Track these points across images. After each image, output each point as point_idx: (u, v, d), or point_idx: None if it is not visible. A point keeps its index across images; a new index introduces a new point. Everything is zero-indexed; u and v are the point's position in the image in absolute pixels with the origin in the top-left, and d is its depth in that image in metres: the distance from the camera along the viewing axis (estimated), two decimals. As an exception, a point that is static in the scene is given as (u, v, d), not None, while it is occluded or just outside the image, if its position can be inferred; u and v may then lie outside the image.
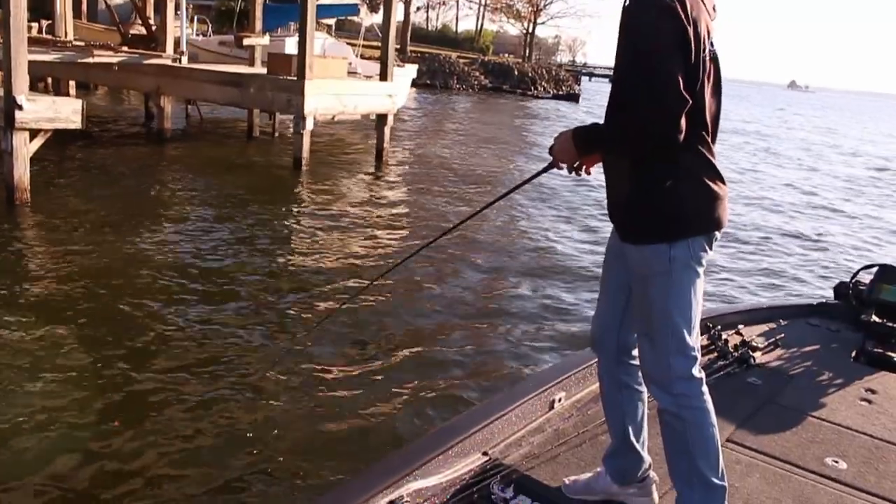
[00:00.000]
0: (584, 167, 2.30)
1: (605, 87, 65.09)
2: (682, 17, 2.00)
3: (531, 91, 45.43)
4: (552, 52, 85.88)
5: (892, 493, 2.71)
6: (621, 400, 2.47)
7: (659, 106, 1.97)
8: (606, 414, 2.54)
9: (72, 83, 17.52)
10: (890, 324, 4.17)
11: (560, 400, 3.06)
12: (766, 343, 3.94)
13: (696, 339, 2.22)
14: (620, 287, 2.37)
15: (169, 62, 14.21)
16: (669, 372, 2.20)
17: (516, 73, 46.88)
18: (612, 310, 2.43)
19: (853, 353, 4.06)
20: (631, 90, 2.04)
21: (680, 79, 1.97)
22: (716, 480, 2.22)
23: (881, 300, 4.28)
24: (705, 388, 2.24)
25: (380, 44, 15.26)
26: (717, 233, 2.20)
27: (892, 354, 3.99)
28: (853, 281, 4.59)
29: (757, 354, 3.77)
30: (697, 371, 2.23)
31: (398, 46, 43.96)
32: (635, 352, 2.40)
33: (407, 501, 2.28)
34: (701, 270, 2.19)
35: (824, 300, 4.81)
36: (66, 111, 8.78)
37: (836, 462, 2.87)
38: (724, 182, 2.20)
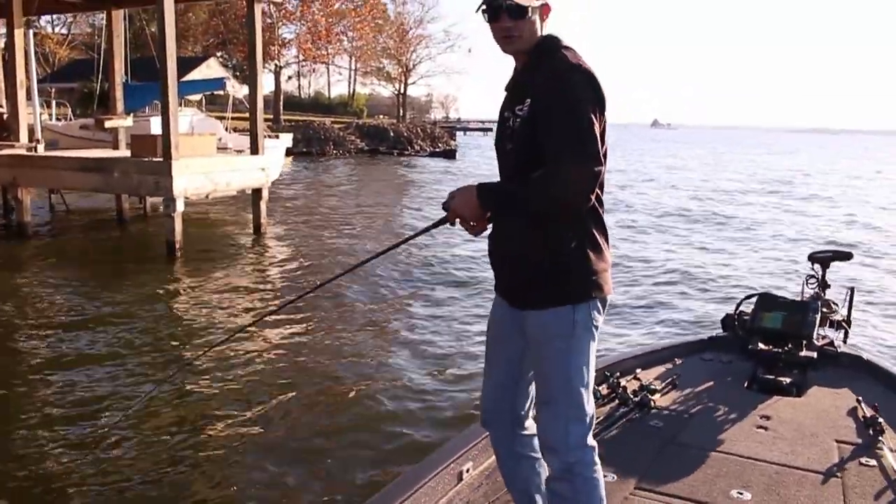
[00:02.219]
0: (478, 225, 2.22)
1: (480, 142, 66.59)
2: (599, 84, 2.12)
3: (408, 150, 45.90)
4: (426, 110, 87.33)
5: None
6: (521, 470, 2.47)
7: (587, 167, 2.03)
8: (508, 487, 2.54)
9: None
10: (775, 349, 4.32)
11: (468, 470, 3.03)
12: (664, 384, 4.01)
13: (591, 405, 2.24)
14: (512, 359, 2.38)
15: (23, 151, 13.48)
16: (567, 438, 2.20)
17: (391, 133, 47.32)
18: (504, 383, 2.41)
19: (746, 382, 4.19)
20: (559, 151, 2.05)
21: (599, 145, 2.07)
22: None
23: (764, 327, 4.45)
24: (598, 459, 2.25)
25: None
26: (608, 296, 2.25)
27: (781, 378, 4.12)
28: (737, 312, 4.73)
29: (656, 397, 3.83)
30: (591, 440, 2.24)
31: (271, 116, 43.79)
32: (528, 423, 2.42)
33: None
34: (597, 334, 2.23)
35: (714, 334, 4.91)
36: None
37: (741, 493, 2.95)
38: (609, 243, 2.27)
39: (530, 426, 2.43)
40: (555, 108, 2.08)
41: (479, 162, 40.70)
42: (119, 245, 13.94)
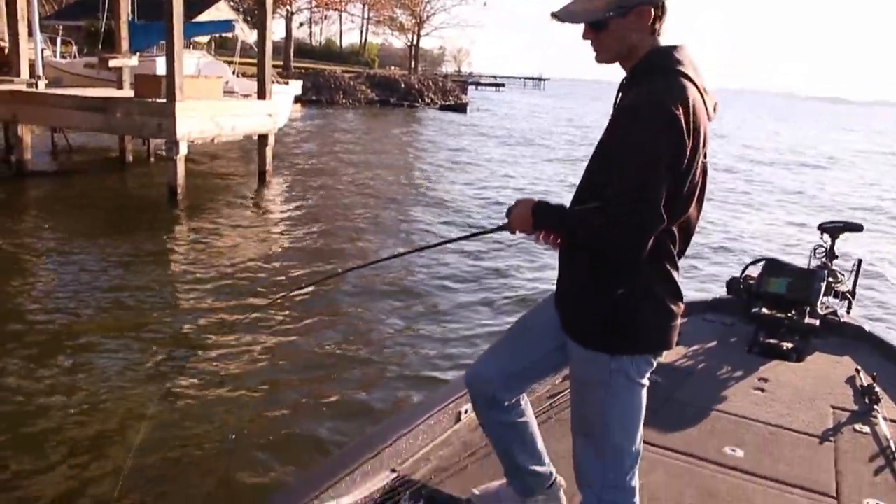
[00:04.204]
0: (550, 239, 2.15)
1: (490, 96, 66.01)
2: (684, 129, 1.86)
3: (418, 103, 45.34)
4: (438, 63, 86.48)
5: (786, 475, 2.87)
6: (501, 434, 2.42)
7: (635, 218, 1.86)
8: (491, 443, 2.49)
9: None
10: (778, 314, 4.40)
11: (466, 411, 3.06)
12: None
13: (636, 448, 2.13)
14: (530, 355, 2.29)
15: (23, 87, 13.10)
16: (603, 479, 2.12)
17: (403, 85, 46.67)
18: (505, 367, 2.32)
19: (747, 345, 4.29)
20: (613, 193, 1.88)
21: (663, 198, 1.86)
22: None
23: (769, 293, 4.51)
24: (637, 500, 2.16)
25: (258, 61, 14.53)
26: (662, 352, 2.12)
27: (783, 344, 4.22)
28: (743, 276, 4.78)
29: None
30: (634, 481, 2.14)
31: (281, 63, 43.12)
32: (506, 403, 2.35)
33: None
34: (644, 382, 2.10)
35: (719, 296, 4.98)
36: None
37: (734, 451, 3.02)
38: (681, 300, 2.08)
39: (509, 404, 2.36)
40: (621, 145, 1.91)
41: (488, 117, 40.16)
42: (119, 188, 13.69)
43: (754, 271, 4.73)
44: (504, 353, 2.34)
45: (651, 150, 1.85)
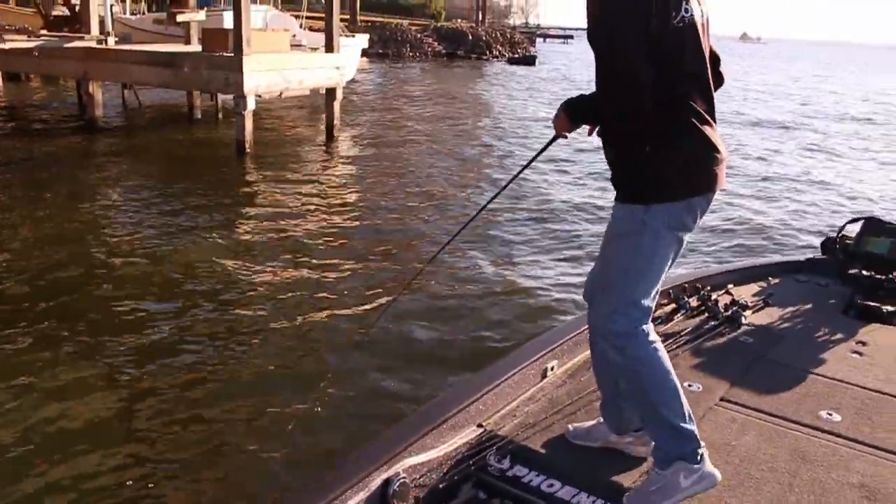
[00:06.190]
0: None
1: (559, 48, 64.62)
2: None
3: (486, 55, 44.60)
4: (505, 15, 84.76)
5: (885, 442, 2.72)
6: (602, 351, 2.49)
7: (618, 84, 2.05)
8: (594, 367, 2.56)
9: (-2, 74, 16.30)
10: (878, 276, 4.19)
11: (552, 368, 3.07)
12: (756, 301, 3.96)
13: (648, 302, 2.21)
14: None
15: (94, 44, 13.05)
16: (612, 326, 2.21)
17: (470, 37, 45.99)
18: (596, 270, 2.47)
19: (843, 307, 4.10)
20: (597, 68, 2.09)
21: (637, 55, 2.00)
22: (682, 424, 2.21)
23: (868, 252, 4.31)
24: (653, 336, 2.22)
25: (325, 14, 14.18)
26: (701, 199, 2.17)
27: (882, 306, 4.00)
28: (840, 235, 4.56)
29: (747, 313, 3.77)
30: (642, 327, 2.21)
31: (348, 16, 42.74)
32: None
33: (403, 478, 2.24)
34: (680, 236, 2.19)
35: (812, 256, 4.82)
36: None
37: (831, 415, 2.89)
38: (714, 149, 2.16)
39: None
40: (591, 19, 2.08)
41: (558, 69, 39.18)
42: (189, 144, 13.58)
43: (852, 231, 4.48)
44: (598, 258, 2.49)
45: (610, 14, 2.02)
